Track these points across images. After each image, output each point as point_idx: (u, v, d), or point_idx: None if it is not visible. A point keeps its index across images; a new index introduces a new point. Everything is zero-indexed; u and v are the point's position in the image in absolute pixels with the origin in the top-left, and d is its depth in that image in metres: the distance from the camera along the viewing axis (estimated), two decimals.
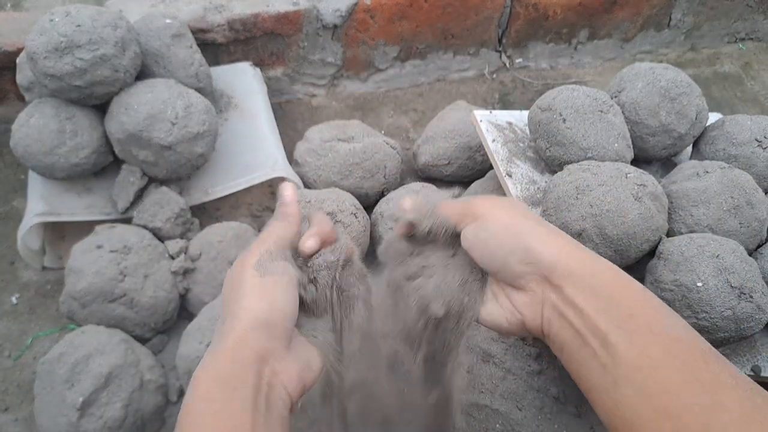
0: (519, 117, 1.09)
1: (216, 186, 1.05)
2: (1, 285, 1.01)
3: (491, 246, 0.49)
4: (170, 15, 1.04)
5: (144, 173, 0.98)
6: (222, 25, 1.18)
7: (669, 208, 0.87)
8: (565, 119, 0.91)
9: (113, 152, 0.99)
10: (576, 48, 1.54)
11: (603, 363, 0.42)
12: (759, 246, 0.89)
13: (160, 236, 0.97)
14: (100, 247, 0.87)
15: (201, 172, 1.05)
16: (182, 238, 0.99)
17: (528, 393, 0.90)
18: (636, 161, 0.98)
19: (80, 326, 0.86)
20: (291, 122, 1.33)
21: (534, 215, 0.52)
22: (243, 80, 1.21)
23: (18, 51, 1.04)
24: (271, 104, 1.21)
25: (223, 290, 0.50)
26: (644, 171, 0.85)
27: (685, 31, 1.62)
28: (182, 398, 0.86)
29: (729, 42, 1.69)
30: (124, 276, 0.86)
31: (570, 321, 0.45)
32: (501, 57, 1.50)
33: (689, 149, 1.07)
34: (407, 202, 0.56)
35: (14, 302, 0.99)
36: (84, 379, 0.76)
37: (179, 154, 0.95)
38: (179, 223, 0.99)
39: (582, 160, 0.90)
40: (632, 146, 0.96)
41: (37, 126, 0.91)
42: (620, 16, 1.49)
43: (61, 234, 1.05)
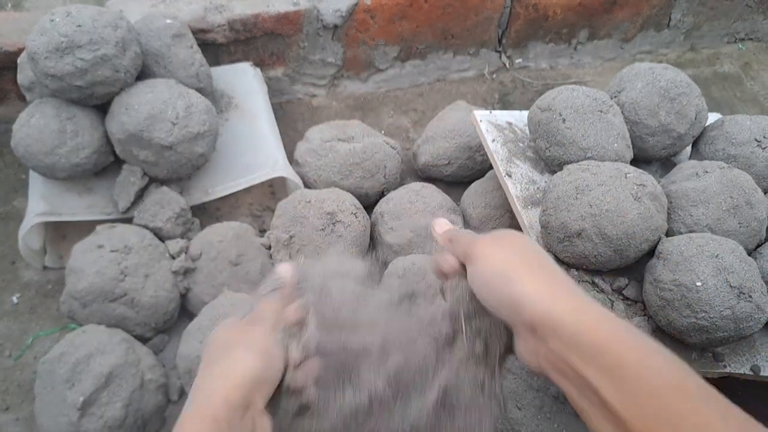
0: (519, 117, 1.09)
1: (216, 186, 1.05)
2: (2, 285, 1.01)
3: (484, 293, 0.49)
4: (171, 15, 1.04)
5: (145, 173, 0.98)
6: (222, 26, 1.18)
7: (668, 208, 0.87)
8: (565, 119, 0.92)
9: (114, 152, 0.99)
10: (576, 48, 1.54)
11: (600, 413, 0.42)
12: (758, 246, 0.89)
13: (161, 236, 0.97)
14: (101, 247, 0.87)
15: (201, 172, 1.06)
16: (183, 238, 1.00)
17: (527, 392, 0.90)
18: (635, 161, 0.98)
19: (81, 326, 0.87)
20: (291, 122, 1.33)
21: (533, 253, 0.50)
22: (243, 80, 1.21)
23: (19, 51, 1.05)
24: (272, 104, 1.21)
25: (208, 350, 0.50)
26: (644, 171, 0.85)
27: (685, 32, 1.62)
28: (183, 397, 0.86)
29: (728, 42, 1.69)
30: (125, 276, 0.87)
31: (563, 372, 0.45)
32: (501, 57, 1.50)
33: (688, 149, 1.08)
34: (441, 226, 0.57)
35: (15, 302, 0.99)
36: (84, 379, 0.77)
37: (180, 154, 0.95)
38: (180, 223, 0.99)
39: (581, 160, 0.90)
40: (632, 146, 0.96)
41: (38, 126, 0.91)
42: (620, 17, 1.50)
43: (62, 234, 1.05)
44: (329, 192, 1.03)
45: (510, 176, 0.97)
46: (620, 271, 0.87)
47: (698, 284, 0.74)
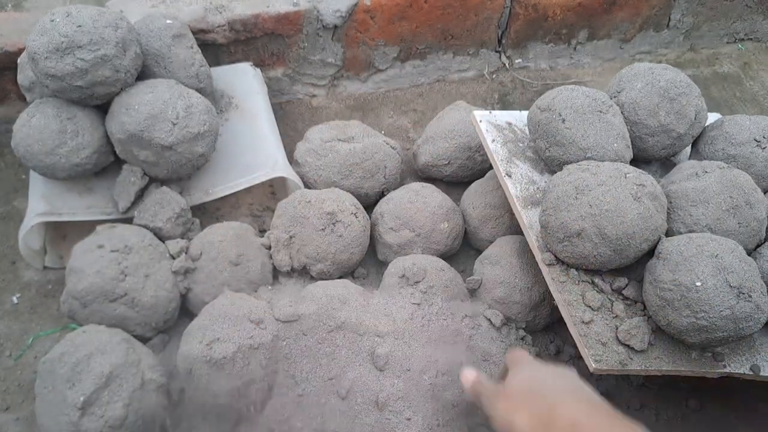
0: (518, 117, 1.09)
1: (217, 186, 1.05)
2: (3, 285, 1.01)
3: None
4: (171, 15, 1.04)
5: (145, 173, 0.98)
6: (222, 26, 1.18)
7: (668, 208, 0.87)
8: (565, 119, 0.92)
9: (114, 152, 0.99)
10: (575, 48, 1.54)
11: None
12: (758, 246, 0.89)
13: (161, 236, 0.98)
14: (101, 247, 0.87)
15: (202, 172, 1.06)
16: (183, 238, 1.00)
17: None
18: (635, 161, 0.98)
19: (81, 326, 0.87)
20: (291, 122, 1.33)
21: (560, 414, 0.52)
22: (243, 80, 1.21)
23: (19, 51, 1.05)
24: (272, 104, 1.21)
25: None
26: (643, 171, 0.85)
27: (685, 32, 1.62)
28: (183, 397, 0.86)
29: (728, 42, 1.69)
30: (125, 276, 0.87)
31: None
32: (501, 57, 1.50)
33: (688, 149, 1.08)
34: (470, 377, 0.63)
35: (15, 302, 0.99)
36: (85, 379, 0.77)
37: (180, 154, 0.95)
38: (180, 223, 0.99)
39: (581, 160, 0.90)
40: (631, 146, 0.96)
41: (38, 126, 0.91)
42: (619, 17, 1.50)
43: (62, 234, 1.05)
44: (329, 192, 1.03)
45: (510, 176, 0.97)
46: (620, 271, 0.87)
47: (698, 284, 0.75)
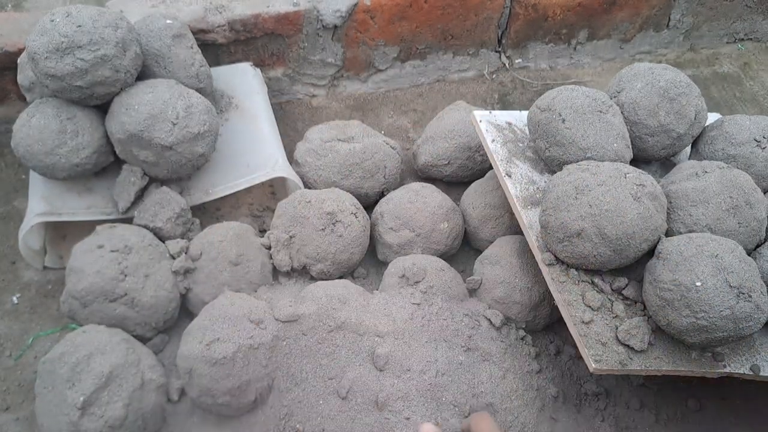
0: (518, 117, 1.09)
1: (217, 186, 1.05)
2: (2, 285, 1.01)
3: None
4: (171, 16, 1.04)
5: (145, 173, 0.98)
6: (222, 26, 1.19)
7: (668, 208, 0.87)
8: (565, 119, 0.92)
9: (114, 152, 0.99)
10: (575, 48, 1.54)
11: None
12: (758, 246, 0.89)
13: (161, 236, 0.98)
14: (101, 247, 0.87)
15: (202, 172, 1.06)
16: (183, 238, 1.00)
17: (527, 392, 0.90)
18: (635, 161, 0.98)
19: (81, 326, 0.87)
20: (291, 122, 1.33)
21: None
22: (243, 81, 1.21)
23: (19, 51, 1.05)
24: (272, 104, 1.21)
25: None
26: (643, 171, 0.85)
27: (684, 32, 1.62)
28: (183, 397, 0.86)
29: (728, 42, 1.69)
30: (125, 276, 0.87)
31: None
32: (500, 57, 1.50)
33: (688, 149, 1.08)
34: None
35: (15, 302, 0.99)
36: (85, 379, 0.77)
37: (180, 154, 0.95)
38: (180, 223, 0.99)
39: (581, 160, 0.90)
40: (631, 146, 0.96)
41: (38, 126, 0.91)
42: (619, 17, 1.50)
43: (62, 234, 1.05)
44: (329, 192, 1.03)
45: (510, 176, 0.97)
46: (620, 271, 0.87)
47: (698, 284, 0.75)
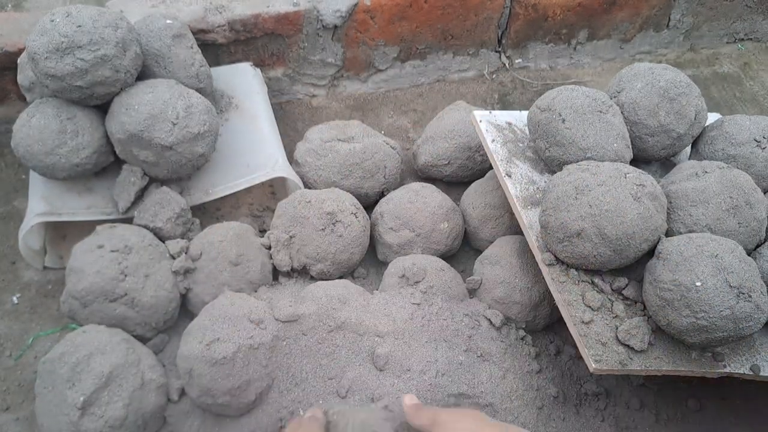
0: (518, 117, 1.09)
1: (217, 186, 1.05)
2: (3, 285, 1.01)
3: None
4: (171, 16, 1.04)
5: (145, 173, 0.98)
6: (222, 26, 1.19)
7: (668, 208, 0.87)
8: (565, 119, 0.92)
9: (114, 152, 0.99)
10: (575, 48, 1.54)
11: None
12: (758, 246, 0.89)
13: (161, 236, 0.98)
14: (101, 247, 0.87)
15: (202, 172, 1.06)
16: (183, 238, 1.00)
17: (527, 392, 0.90)
18: (635, 161, 0.98)
19: (81, 326, 0.87)
20: (291, 122, 1.33)
21: (492, 424, 0.60)
22: (243, 81, 1.21)
23: (19, 51, 1.05)
24: (272, 104, 1.21)
25: None
26: (643, 171, 0.85)
27: (684, 32, 1.62)
28: (183, 397, 0.86)
29: (728, 42, 1.69)
30: (125, 276, 0.87)
31: None
32: (501, 57, 1.50)
33: (688, 149, 1.08)
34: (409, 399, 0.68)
35: (15, 302, 0.99)
36: (85, 379, 0.77)
37: (180, 155, 0.95)
38: (180, 223, 0.99)
39: (581, 160, 0.90)
40: (631, 146, 0.96)
41: (38, 126, 0.91)
42: (619, 17, 1.50)
43: (62, 234, 1.05)
44: (329, 192, 1.03)
45: (510, 176, 0.97)
46: (620, 271, 0.87)
47: (698, 284, 0.75)
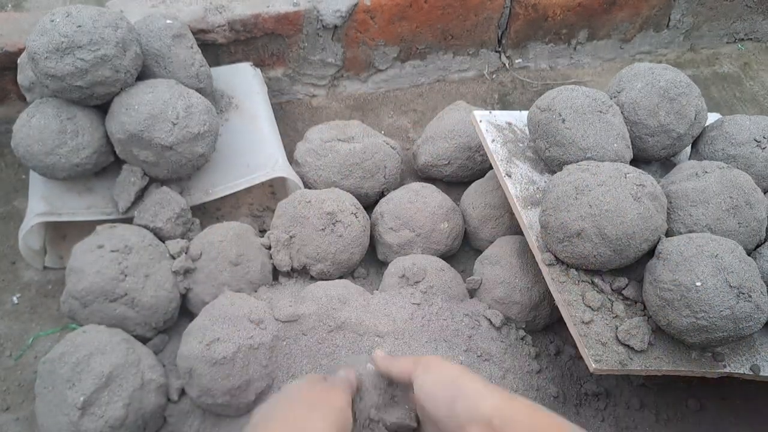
0: (518, 117, 1.09)
1: (217, 186, 1.05)
2: (3, 285, 1.01)
3: (435, 396, 0.59)
4: (171, 16, 1.04)
5: (145, 173, 0.98)
6: (222, 26, 1.19)
7: (668, 208, 0.87)
8: (565, 119, 0.92)
9: (114, 152, 0.99)
10: (575, 48, 1.54)
11: None
12: (758, 246, 0.89)
13: (161, 236, 0.98)
14: (101, 247, 0.87)
15: (202, 172, 1.06)
16: (183, 238, 1.00)
17: (527, 392, 0.90)
18: (635, 161, 0.98)
19: (81, 326, 0.87)
20: (291, 122, 1.33)
21: (475, 375, 0.62)
22: (243, 81, 1.21)
23: (19, 51, 1.05)
24: (272, 104, 1.21)
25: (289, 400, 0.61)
26: (643, 171, 0.85)
27: (684, 32, 1.62)
28: (183, 397, 0.86)
29: (728, 42, 1.69)
30: (125, 276, 0.87)
31: None
32: (501, 57, 1.50)
33: (688, 149, 1.08)
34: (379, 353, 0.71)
35: (15, 302, 0.99)
36: (85, 379, 0.77)
37: (180, 155, 0.95)
38: (180, 223, 0.99)
39: (581, 160, 0.90)
40: (631, 146, 0.96)
41: (38, 126, 0.91)
42: (619, 17, 1.50)
43: (62, 234, 1.05)
44: (329, 192, 1.03)
45: (510, 176, 0.97)
46: (620, 271, 0.87)
47: (698, 284, 0.75)
